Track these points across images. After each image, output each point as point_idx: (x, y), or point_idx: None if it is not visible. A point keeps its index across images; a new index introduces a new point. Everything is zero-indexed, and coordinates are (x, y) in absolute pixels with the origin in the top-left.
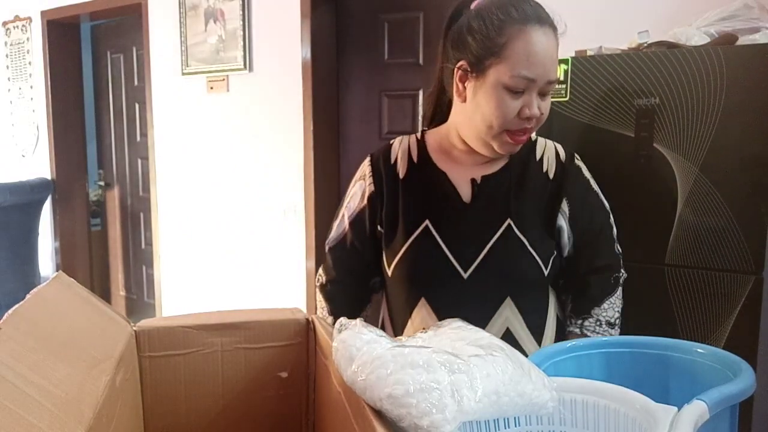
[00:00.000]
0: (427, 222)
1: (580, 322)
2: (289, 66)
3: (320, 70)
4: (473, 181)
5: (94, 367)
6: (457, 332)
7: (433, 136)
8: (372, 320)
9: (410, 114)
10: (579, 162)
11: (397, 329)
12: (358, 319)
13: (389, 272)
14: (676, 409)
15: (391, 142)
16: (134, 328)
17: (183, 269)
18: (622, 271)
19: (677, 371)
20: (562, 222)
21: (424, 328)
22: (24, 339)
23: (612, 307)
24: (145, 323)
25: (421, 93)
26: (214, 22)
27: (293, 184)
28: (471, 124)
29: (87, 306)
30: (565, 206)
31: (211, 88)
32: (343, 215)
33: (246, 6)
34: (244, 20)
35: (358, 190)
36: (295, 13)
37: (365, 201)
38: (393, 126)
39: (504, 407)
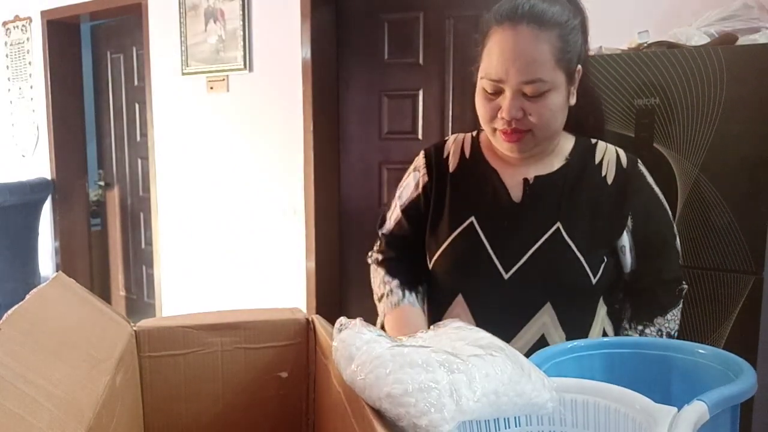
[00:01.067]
0: (472, 218)
1: (640, 328)
2: (289, 66)
3: (320, 70)
4: (525, 180)
5: (94, 367)
6: (458, 332)
7: (486, 134)
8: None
9: (410, 114)
10: (642, 168)
11: (433, 322)
12: (358, 319)
13: (430, 265)
14: (675, 409)
15: (447, 138)
16: (134, 328)
17: (183, 269)
18: (684, 283)
19: (679, 372)
20: (626, 238)
21: None
22: (24, 339)
23: (674, 319)
24: (145, 323)
25: (421, 93)
26: (214, 22)
27: (293, 184)
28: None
29: (87, 306)
30: (629, 222)
31: (211, 88)
32: (395, 205)
33: (246, 6)
34: (244, 20)
35: (411, 181)
36: (295, 13)
37: (419, 189)
38: (393, 126)
39: (503, 407)
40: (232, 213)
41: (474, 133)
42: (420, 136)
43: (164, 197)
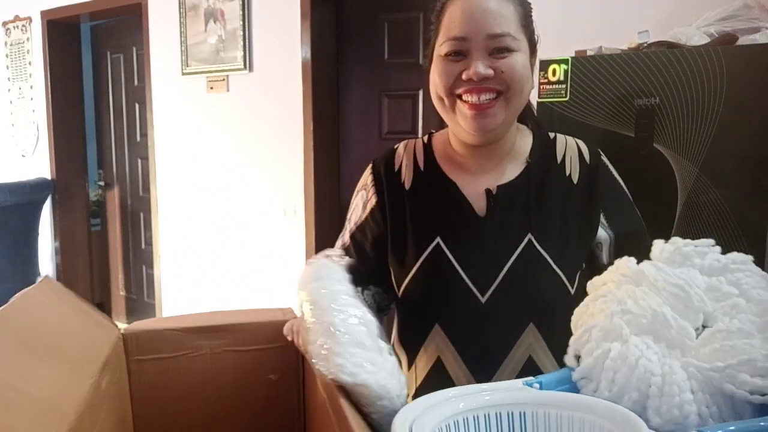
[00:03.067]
0: (438, 239)
1: None
2: (289, 66)
3: (320, 70)
4: (488, 192)
5: (78, 370)
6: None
7: (439, 139)
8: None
9: (410, 114)
10: (605, 160)
11: (409, 355)
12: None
13: (399, 293)
14: None
15: (396, 146)
16: (122, 332)
17: (183, 269)
18: None
19: None
20: (603, 234)
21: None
22: (7, 342)
23: None
24: (133, 326)
25: (421, 93)
26: (214, 22)
27: (293, 184)
28: (438, 111)
29: (72, 310)
30: (602, 218)
31: (211, 88)
32: (346, 228)
33: (246, 6)
34: (244, 20)
35: (359, 202)
36: (295, 13)
37: (366, 212)
38: (393, 126)
39: None
40: (231, 213)
41: (425, 139)
42: (420, 136)
43: (164, 197)
